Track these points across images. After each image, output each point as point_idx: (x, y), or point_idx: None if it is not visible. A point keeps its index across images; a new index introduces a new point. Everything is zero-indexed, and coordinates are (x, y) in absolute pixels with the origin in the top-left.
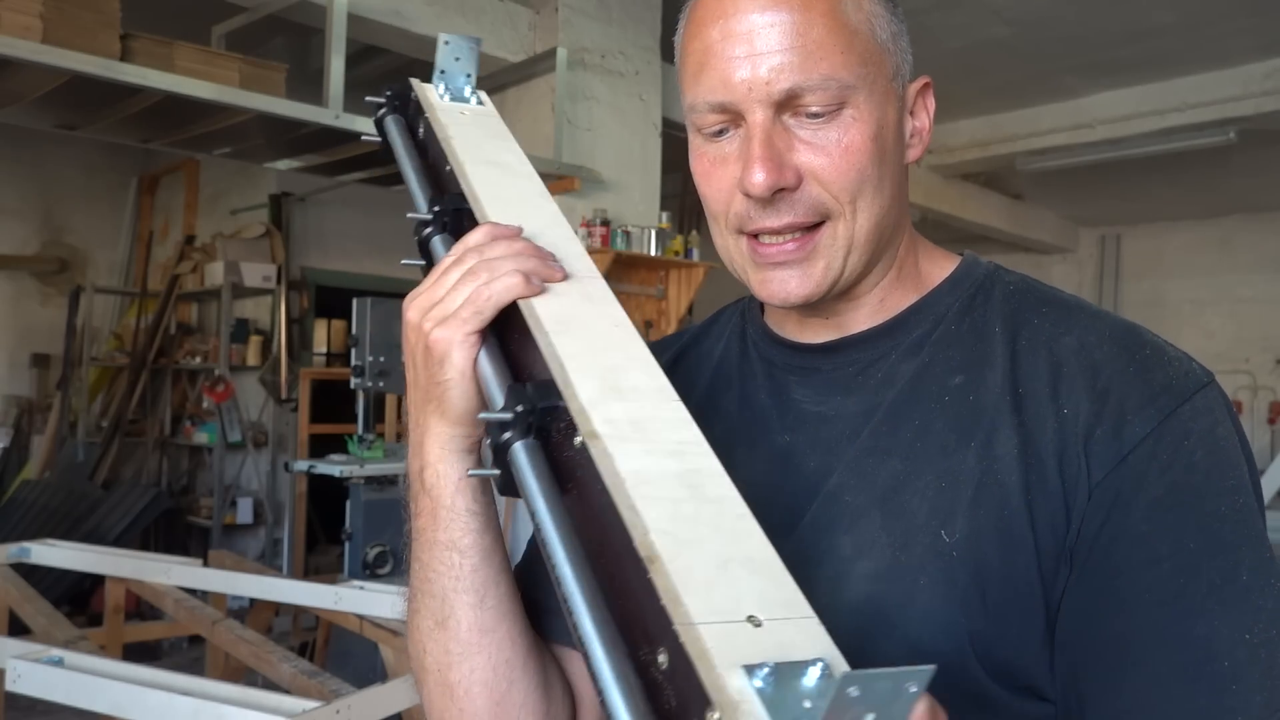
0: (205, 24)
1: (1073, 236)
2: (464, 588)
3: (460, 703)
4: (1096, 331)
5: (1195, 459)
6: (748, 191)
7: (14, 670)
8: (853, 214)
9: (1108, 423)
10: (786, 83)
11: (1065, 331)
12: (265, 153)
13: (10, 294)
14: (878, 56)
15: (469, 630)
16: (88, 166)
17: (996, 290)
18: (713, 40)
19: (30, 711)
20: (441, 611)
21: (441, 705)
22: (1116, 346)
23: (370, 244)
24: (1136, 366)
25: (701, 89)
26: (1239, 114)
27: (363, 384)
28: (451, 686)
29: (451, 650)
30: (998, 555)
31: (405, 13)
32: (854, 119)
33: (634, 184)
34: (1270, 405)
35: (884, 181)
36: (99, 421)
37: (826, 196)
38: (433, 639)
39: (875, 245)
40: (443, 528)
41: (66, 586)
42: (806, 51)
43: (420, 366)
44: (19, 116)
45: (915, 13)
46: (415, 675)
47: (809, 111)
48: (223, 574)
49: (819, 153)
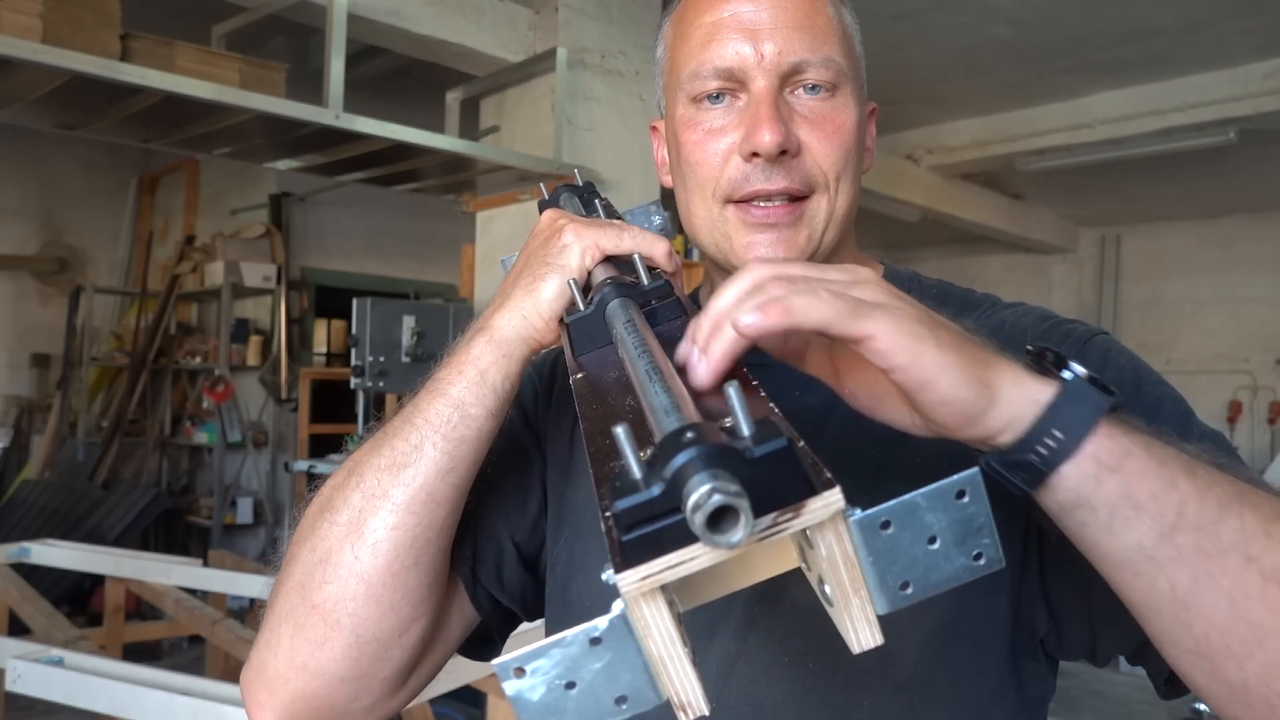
0: (205, 24)
1: (1073, 236)
2: (443, 448)
3: (360, 550)
4: (1015, 313)
5: (1121, 364)
6: (756, 150)
7: (14, 670)
8: (835, 191)
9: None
10: (794, 56)
11: (988, 318)
12: (265, 153)
13: (10, 294)
14: (857, 63)
15: (420, 488)
16: (88, 166)
17: (923, 294)
18: (724, 15)
19: (30, 711)
20: (407, 458)
21: (339, 544)
22: (1033, 317)
23: (370, 244)
24: (1052, 323)
25: (709, 55)
26: (1239, 114)
27: (363, 384)
28: (364, 532)
29: (391, 495)
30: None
31: (405, 13)
32: (844, 104)
33: (634, 184)
34: (1270, 405)
35: (857, 171)
36: (99, 421)
37: (817, 170)
38: (376, 478)
39: (843, 229)
40: (463, 385)
41: (66, 586)
42: (813, 33)
43: (538, 246)
44: (19, 116)
45: (915, 13)
46: (320, 506)
47: (808, 85)
48: (223, 574)
49: (814, 127)
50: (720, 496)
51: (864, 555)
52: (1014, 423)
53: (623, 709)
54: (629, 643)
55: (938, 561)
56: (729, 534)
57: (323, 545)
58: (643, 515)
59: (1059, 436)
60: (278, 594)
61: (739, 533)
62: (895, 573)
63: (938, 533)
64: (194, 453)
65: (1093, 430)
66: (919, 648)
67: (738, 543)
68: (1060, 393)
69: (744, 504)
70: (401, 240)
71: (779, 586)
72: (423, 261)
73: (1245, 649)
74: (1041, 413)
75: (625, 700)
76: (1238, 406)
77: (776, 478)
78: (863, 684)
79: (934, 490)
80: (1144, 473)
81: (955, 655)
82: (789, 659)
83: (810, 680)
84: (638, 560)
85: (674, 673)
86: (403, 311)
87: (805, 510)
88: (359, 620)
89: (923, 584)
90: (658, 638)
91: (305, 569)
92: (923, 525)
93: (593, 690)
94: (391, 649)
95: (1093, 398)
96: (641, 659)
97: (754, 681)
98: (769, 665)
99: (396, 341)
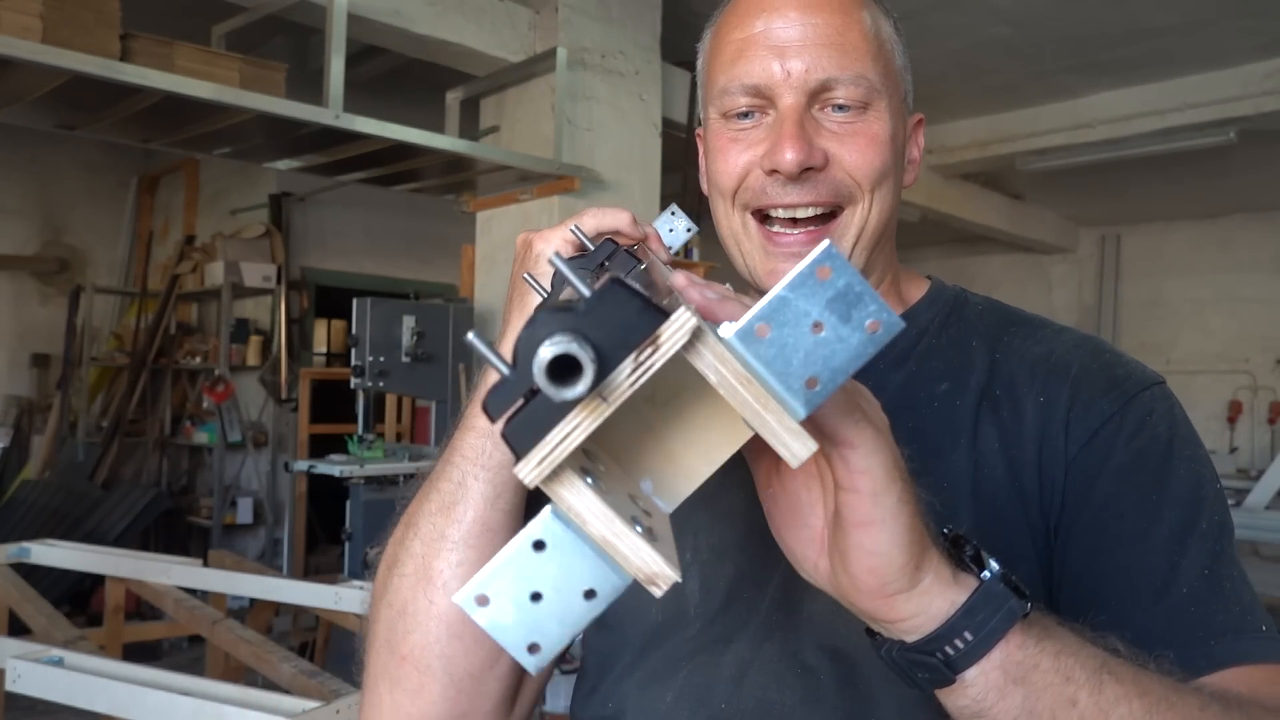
0: (205, 24)
1: (1073, 236)
2: (485, 478)
3: (434, 594)
4: (1062, 341)
5: (1158, 432)
6: (776, 167)
7: (14, 670)
8: (870, 202)
9: (1080, 404)
10: (822, 74)
11: (1036, 343)
12: (265, 153)
13: (10, 294)
14: (895, 76)
15: (473, 521)
16: (88, 166)
17: (968, 310)
18: (755, 31)
19: (30, 711)
20: (454, 496)
21: (412, 593)
22: (1081, 350)
23: (370, 244)
24: (1101, 363)
25: (738, 71)
26: (1239, 114)
27: (363, 384)
28: (432, 576)
29: (448, 535)
30: (999, 541)
31: (405, 13)
32: (877, 118)
33: (634, 184)
34: (1270, 405)
35: (895, 183)
36: (99, 421)
37: (850, 182)
38: (431, 522)
39: (876, 244)
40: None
41: (66, 586)
42: (843, 50)
43: (517, 267)
44: (19, 116)
45: (915, 13)
46: (389, 563)
47: (837, 104)
48: (223, 574)
49: (845, 141)
50: (551, 348)
51: (755, 366)
52: (922, 617)
53: (595, 602)
54: (569, 535)
55: (833, 346)
56: (576, 384)
57: (398, 599)
58: (508, 401)
59: (968, 639)
60: (369, 656)
61: (584, 380)
62: (795, 373)
63: (819, 317)
64: (194, 453)
65: (1004, 635)
66: None
67: (586, 390)
68: (976, 591)
69: (575, 347)
70: (401, 240)
71: (797, 598)
72: (423, 261)
73: None
74: (954, 613)
75: (594, 593)
76: (1238, 406)
77: (620, 319)
78: (873, 698)
79: (794, 277)
80: (1047, 688)
81: None
82: (801, 669)
83: (821, 690)
84: (527, 447)
85: (626, 550)
86: (403, 311)
87: (663, 339)
88: (448, 660)
89: (829, 373)
90: (593, 520)
91: (387, 625)
92: (800, 315)
93: (559, 593)
94: (486, 681)
95: (1006, 602)
96: (590, 547)
97: (765, 687)
98: (781, 673)
99: (396, 341)
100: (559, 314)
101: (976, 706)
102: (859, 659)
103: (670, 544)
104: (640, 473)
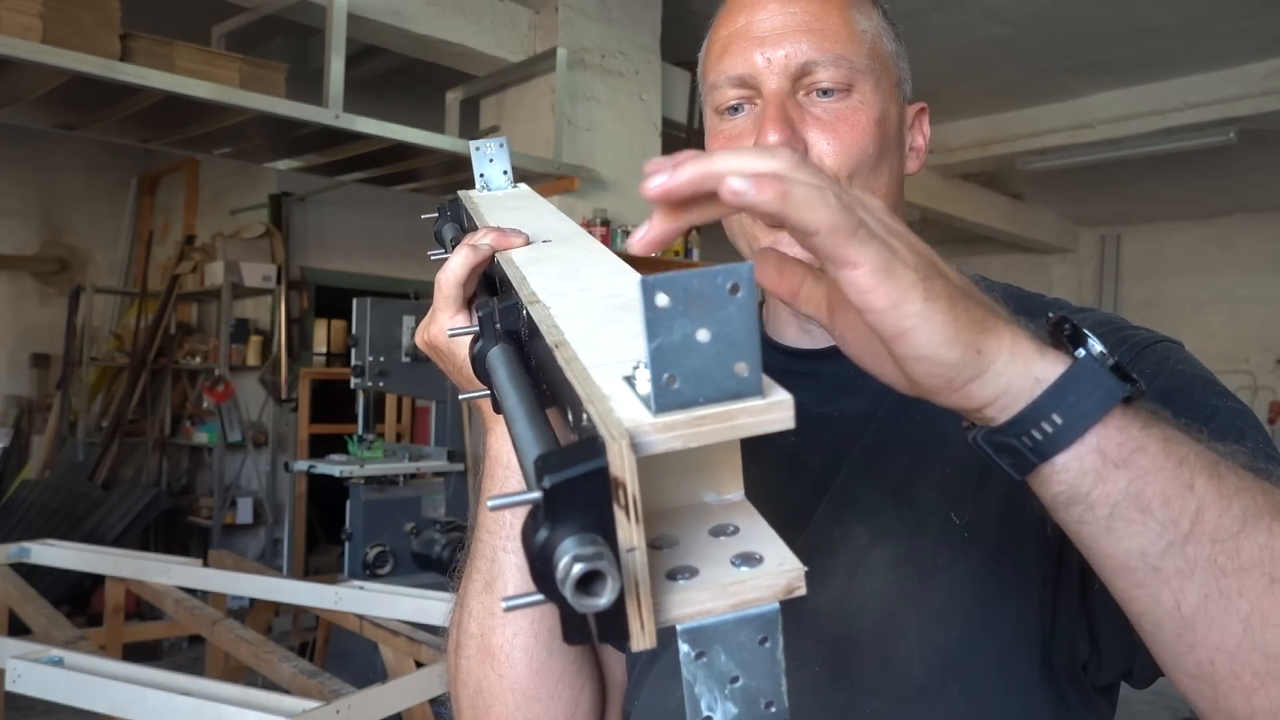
0: (205, 24)
1: (1073, 236)
2: (512, 548)
3: (500, 668)
4: (1078, 319)
5: (1180, 368)
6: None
7: (14, 670)
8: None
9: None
10: (802, 57)
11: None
12: (265, 153)
13: (10, 294)
14: (883, 60)
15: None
16: (88, 166)
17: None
18: (739, 26)
19: (30, 711)
20: (490, 573)
21: (481, 672)
22: (1093, 320)
23: (370, 244)
24: (1112, 327)
25: (724, 65)
26: (1239, 114)
27: (363, 384)
28: (493, 651)
29: (496, 613)
30: (1008, 530)
31: (405, 13)
32: (860, 103)
33: (634, 184)
34: (1270, 405)
35: (880, 170)
36: (99, 421)
37: (827, 170)
38: (479, 601)
39: None
40: (498, 484)
41: (66, 586)
42: (823, 34)
43: (446, 371)
44: (19, 116)
45: (915, 13)
46: (454, 647)
47: (820, 88)
48: (223, 574)
49: (826, 128)
50: (579, 566)
51: (698, 412)
52: (1005, 399)
53: (771, 646)
54: (711, 628)
55: (727, 335)
56: (600, 596)
57: (471, 679)
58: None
59: (1057, 422)
60: None
61: (609, 590)
62: (721, 385)
63: (691, 331)
64: (194, 453)
65: (1100, 419)
66: (928, 660)
67: (612, 599)
68: (1068, 372)
69: (604, 564)
70: (401, 240)
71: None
72: (423, 261)
73: (1257, 681)
74: (1040, 393)
75: (765, 640)
76: None
77: (583, 497)
78: (867, 690)
79: (646, 330)
80: (1156, 471)
81: (972, 671)
82: (798, 661)
83: (814, 682)
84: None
85: (752, 594)
86: (403, 311)
87: (625, 481)
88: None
89: (743, 350)
90: (714, 603)
91: (469, 706)
92: (681, 346)
93: (748, 672)
94: None
95: (1105, 381)
96: (730, 619)
97: None
98: None
99: (396, 341)
100: (559, 529)
101: (1071, 492)
102: (855, 651)
103: (764, 527)
104: (693, 497)
